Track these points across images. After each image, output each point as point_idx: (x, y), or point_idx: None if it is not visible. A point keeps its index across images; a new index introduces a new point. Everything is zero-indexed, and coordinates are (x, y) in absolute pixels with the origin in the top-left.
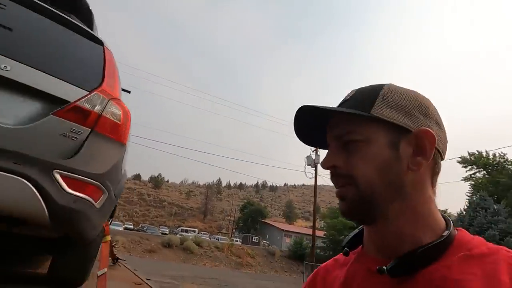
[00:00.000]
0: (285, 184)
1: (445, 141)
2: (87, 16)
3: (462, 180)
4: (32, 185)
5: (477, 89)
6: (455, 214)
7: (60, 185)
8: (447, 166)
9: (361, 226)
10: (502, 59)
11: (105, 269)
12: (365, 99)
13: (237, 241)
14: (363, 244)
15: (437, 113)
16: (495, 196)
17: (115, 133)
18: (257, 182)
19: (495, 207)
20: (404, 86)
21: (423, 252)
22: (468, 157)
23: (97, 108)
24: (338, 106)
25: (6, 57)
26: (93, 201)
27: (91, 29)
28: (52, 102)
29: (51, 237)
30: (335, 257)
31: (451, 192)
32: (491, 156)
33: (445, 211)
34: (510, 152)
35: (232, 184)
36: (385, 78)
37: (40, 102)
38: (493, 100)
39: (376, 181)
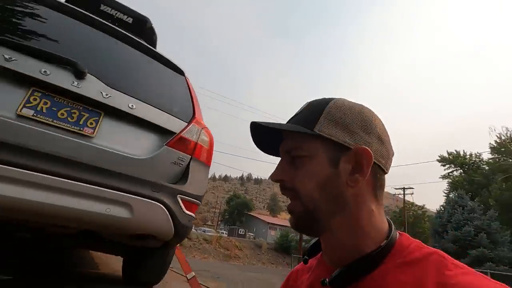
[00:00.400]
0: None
1: (387, 156)
2: (150, 36)
3: (440, 178)
4: (166, 208)
5: (472, 88)
6: (434, 211)
7: (181, 208)
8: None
9: None
10: (497, 57)
11: (193, 273)
12: (310, 115)
13: (223, 233)
14: (322, 251)
15: (381, 127)
16: (470, 193)
17: (205, 157)
18: (242, 175)
19: (471, 204)
20: (351, 100)
21: (360, 263)
22: (447, 156)
23: (194, 137)
24: (289, 120)
25: (131, 96)
26: (194, 217)
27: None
28: (163, 134)
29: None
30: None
31: (438, 191)
32: (467, 156)
33: (422, 207)
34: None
35: (217, 176)
36: (375, 77)
37: (155, 134)
38: (488, 98)
39: (317, 196)
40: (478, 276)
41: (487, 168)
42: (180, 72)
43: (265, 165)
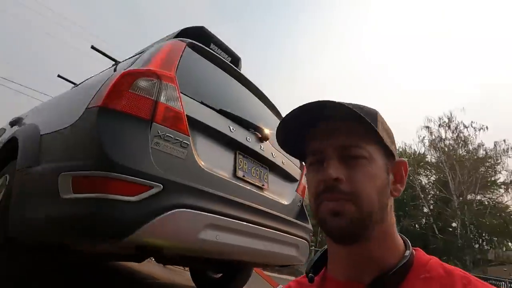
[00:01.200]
0: None
1: None
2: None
3: None
4: (308, 244)
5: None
6: None
7: (310, 241)
8: None
9: (324, 248)
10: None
11: (281, 286)
12: (369, 115)
13: None
14: (327, 266)
15: None
16: None
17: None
18: None
19: None
20: None
21: (391, 277)
22: None
23: (304, 181)
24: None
25: (281, 153)
26: None
27: None
28: (293, 181)
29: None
30: (297, 279)
31: None
32: None
33: None
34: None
35: None
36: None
37: (290, 183)
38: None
39: (376, 202)
40: None
41: None
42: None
43: None
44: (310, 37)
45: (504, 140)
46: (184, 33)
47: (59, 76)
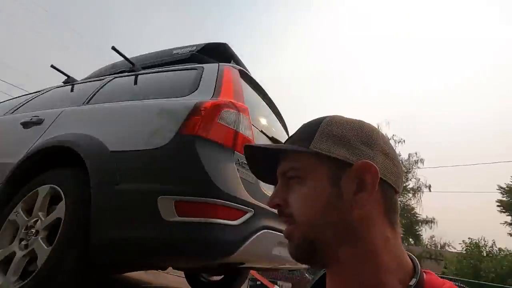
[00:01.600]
0: None
1: (396, 172)
2: None
3: None
4: None
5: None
6: None
7: None
8: None
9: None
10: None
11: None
12: (306, 133)
13: None
14: None
15: (385, 141)
16: None
17: None
18: None
19: None
20: (348, 116)
21: None
22: None
23: None
24: (285, 142)
25: None
26: None
27: None
28: None
29: None
30: None
31: None
32: None
33: None
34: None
35: None
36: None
37: None
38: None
39: (318, 221)
40: None
41: None
42: None
43: None
44: (272, 39)
45: (416, 153)
46: (207, 47)
47: (52, 66)
